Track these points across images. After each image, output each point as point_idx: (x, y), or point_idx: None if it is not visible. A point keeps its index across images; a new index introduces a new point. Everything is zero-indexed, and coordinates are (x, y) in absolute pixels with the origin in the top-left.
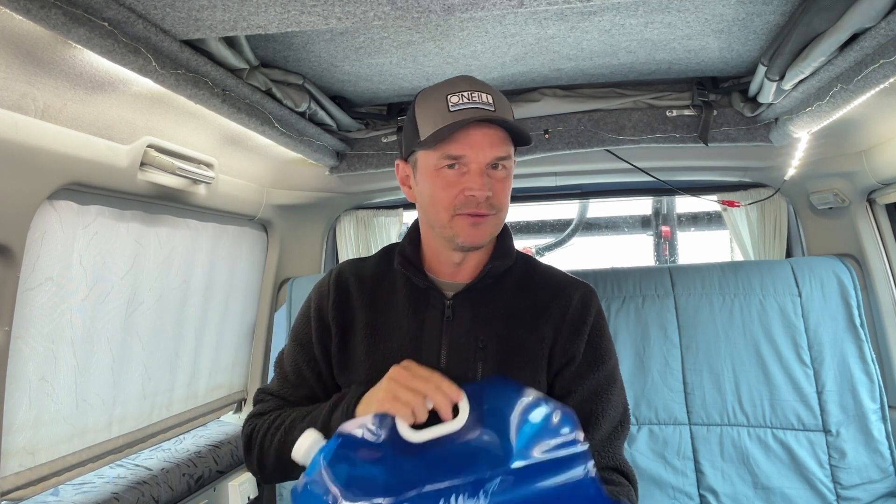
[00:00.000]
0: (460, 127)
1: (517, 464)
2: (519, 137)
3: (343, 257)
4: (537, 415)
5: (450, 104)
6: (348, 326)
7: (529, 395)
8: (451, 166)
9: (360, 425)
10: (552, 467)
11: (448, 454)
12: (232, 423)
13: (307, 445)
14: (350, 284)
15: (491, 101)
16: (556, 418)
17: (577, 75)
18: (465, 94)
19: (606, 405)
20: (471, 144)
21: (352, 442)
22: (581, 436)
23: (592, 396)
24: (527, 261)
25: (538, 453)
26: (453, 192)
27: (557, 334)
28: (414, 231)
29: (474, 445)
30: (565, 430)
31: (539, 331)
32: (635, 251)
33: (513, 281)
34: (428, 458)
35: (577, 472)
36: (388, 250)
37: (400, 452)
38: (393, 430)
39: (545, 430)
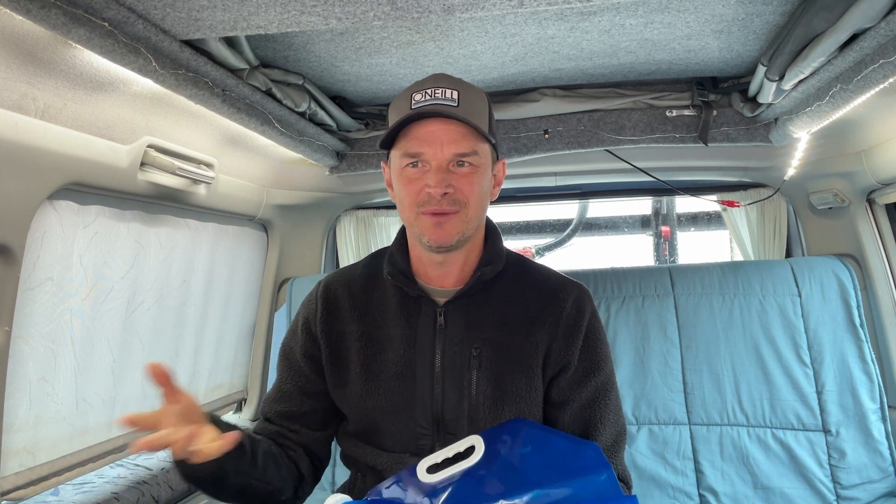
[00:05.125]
0: (411, 124)
1: (538, 495)
2: (481, 134)
3: (343, 257)
4: (559, 451)
5: (413, 102)
6: (340, 338)
7: (550, 433)
8: (413, 164)
9: (390, 484)
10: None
11: (465, 492)
12: (232, 422)
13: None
14: (339, 296)
15: (455, 97)
16: (578, 453)
17: (577, 75)
18: (430, 91)
19: (605, 411)
20: (428, 141)
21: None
22: (609, 466)
23: (591, 404)
24: (519, 262)
25: (562, 488)
26: (415, 189)
27: (552, 340)
28: (401, 236)
29: (492, 482)
30: (589, 463)
31: (533, 337)
32: (635, 251)
33: (505, 285)
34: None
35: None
36: (376, 256)
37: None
38: (416, 481)
39: (568, 466)
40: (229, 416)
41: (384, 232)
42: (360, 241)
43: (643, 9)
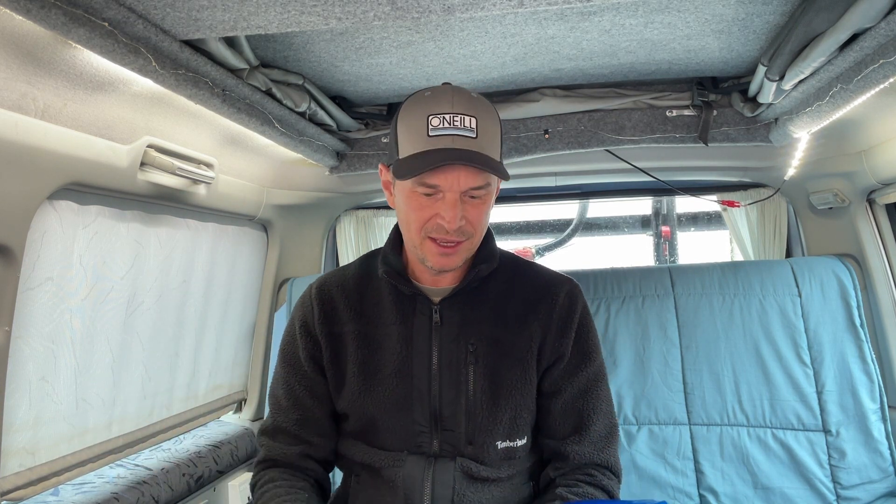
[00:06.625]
0: (434, 166)
1: None
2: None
3: (343, 257)
4: None
5: (430, 127)
6: (338, 339)
7: None
8: (427, 194)
9: None
10: None
11: None
12: (232, 423)
13: None
14: (335, 296)
15: (473, 125)
16: None
17: (577, 75)
18: (447, 117)
19: (597, 401)
20: (446, 177)
21: None
22: None
23: (583, 394)
24: (511, 260)
25: None
26: (425, 216)
27: (546, 333)
28: (396, 237)
29: None
30: None
31: (527, 330)
32: (635, 251)
33: (498, 282)
34: None
35: None
36: (370, 256)
37: None
38: None
39: None
40: (229, 417)
41: (384, 232)
42: (360, 241)
43: (643, 9)
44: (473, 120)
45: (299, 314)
